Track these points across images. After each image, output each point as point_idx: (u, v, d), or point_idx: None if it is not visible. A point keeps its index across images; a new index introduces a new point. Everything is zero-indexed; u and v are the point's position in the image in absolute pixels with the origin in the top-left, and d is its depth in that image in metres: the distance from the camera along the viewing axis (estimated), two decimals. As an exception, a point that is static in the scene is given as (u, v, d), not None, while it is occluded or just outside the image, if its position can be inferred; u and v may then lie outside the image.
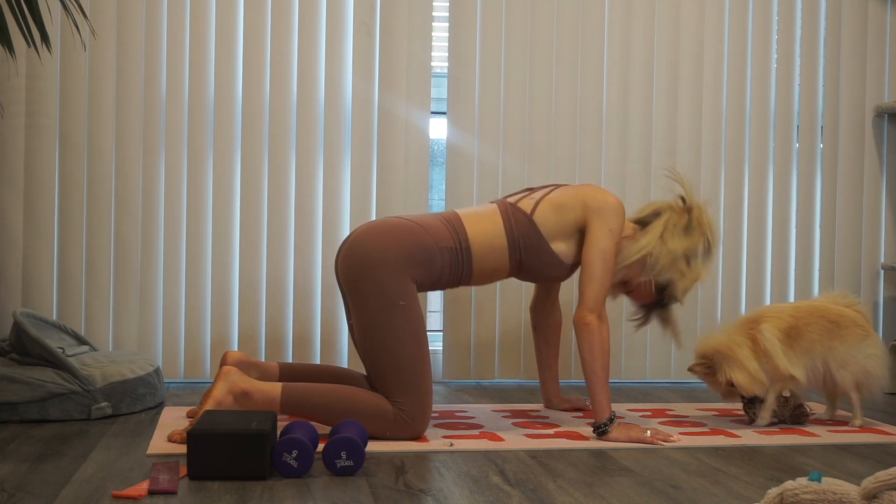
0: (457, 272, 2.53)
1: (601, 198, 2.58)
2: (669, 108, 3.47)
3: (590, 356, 2.49)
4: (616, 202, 2.58)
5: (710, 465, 2.23)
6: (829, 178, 3.60)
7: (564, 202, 2.58)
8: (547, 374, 2.92)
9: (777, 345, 2.65)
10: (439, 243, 2.48)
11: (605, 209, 2.55)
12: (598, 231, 2.54)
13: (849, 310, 2.76)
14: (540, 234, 2.55)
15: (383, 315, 2.40)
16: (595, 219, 2.55)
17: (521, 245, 2.55)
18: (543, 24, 3.38)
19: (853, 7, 3.57)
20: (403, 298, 2.41)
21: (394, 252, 2.43)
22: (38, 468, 2.06)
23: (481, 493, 1.94)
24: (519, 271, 2.61)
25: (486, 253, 2.54)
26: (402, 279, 2.42)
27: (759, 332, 2.66)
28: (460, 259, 2.52)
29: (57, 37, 3.10)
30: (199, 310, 3.23)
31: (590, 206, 2.56)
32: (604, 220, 2.54)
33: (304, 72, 3.26)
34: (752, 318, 2.74)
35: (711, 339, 2.72)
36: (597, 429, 2.47)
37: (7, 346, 2.80)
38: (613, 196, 2.60)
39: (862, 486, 1.53)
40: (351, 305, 2.49)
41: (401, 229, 2.48)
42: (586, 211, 2.56)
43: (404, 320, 2.41)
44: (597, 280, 2.52)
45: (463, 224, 2.54)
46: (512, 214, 2.57)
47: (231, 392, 2.32)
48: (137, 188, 3.19)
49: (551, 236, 2.56)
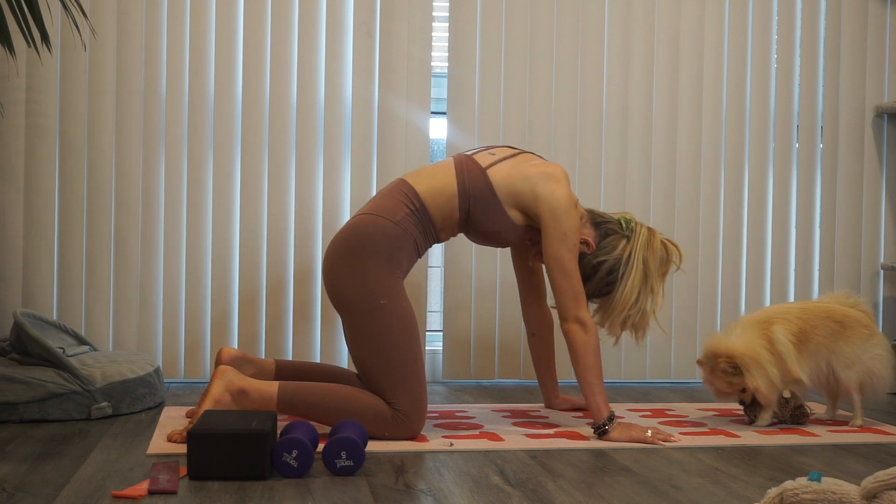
0: (426, 233, 2.53)
1: (550, 192, 2.51)
2: (669, 108, 3.47)
3: (576, 363, 2.51)
4: (564, 197, 2.51)
5: (710, 465, 2.23)
6: (829, 178, 3.60)
7: (517, 182, 2.53)
8: (545, 375, 2.92)
9: (791, 349, 2.63)
10: (396, 218, 2.47)
11: (557, 210, 2.50)
12: (552, 235, 2.50)
13: (853, 310, 2.75)
14: (492, 189, 2.52)
15: (368, 317, 2.41)
16: (547, 219, 2.51)
17: (470, 194, 2.53)
18: (543, 23, 3.38)
19: (853, 7, 3.57)
20: (385, 297, 2.42)
21: (363, 254, 2.44)
22: (38, 468, 2.06)
23: (481, 493, 1.94)
24: (467, 225, 2.58)
25: (441, 205, 2.53)
26: (380, 277, 2.43)
27: (773, 335, 2.64)
28: (421, 218, 2.51)
29: (57, 37, 3.10)
30: (199, 310, 3.23)
31: (541, 199, 2.52)
32: (557, 222, 2.50)
33: (304, 72, 3.26)
34: (761, 318, 2.70)
35: (731, 342, 2.64)
36: (597, 429, 2.47)
37: (7, 346, 2.80)
38: (562, 187, 2.53)
39: (862, 486, 1.53)
40: (340, 315, 2.52)
41: (362, 227, 2.48)
42: (537, 203, 2.52)
43: (390, 319, 2.41)
44: (563, 291, 2.51)
45: (411, 185, 2.54)
46: (465, 165, 2.56)
47: (228, 390, 2.32)
48: (137, 188, 3.19)
49: (505, 201, 2.53)
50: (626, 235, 2.62)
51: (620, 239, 2.62)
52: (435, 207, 2.53)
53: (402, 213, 2.49)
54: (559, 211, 2.51)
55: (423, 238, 2.53)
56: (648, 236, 2.64)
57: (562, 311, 2.53)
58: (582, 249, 2.59)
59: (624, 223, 2.64)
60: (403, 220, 2.49)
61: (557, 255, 2.51)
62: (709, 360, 2.68)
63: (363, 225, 2.49)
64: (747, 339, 2.65)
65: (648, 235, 2.64)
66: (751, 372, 2.60)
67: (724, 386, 2.67)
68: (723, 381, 2.66)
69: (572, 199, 2.55)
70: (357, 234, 2.48)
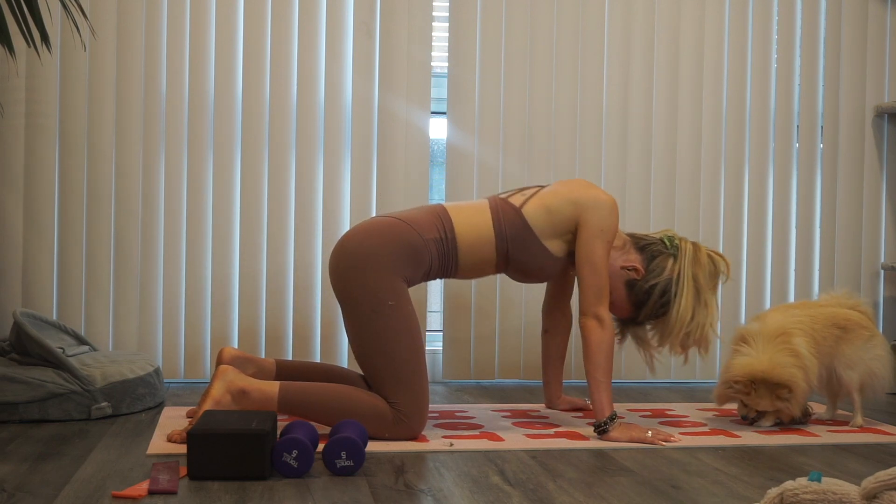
0: (444, 263, 2.53)
1: (592, 195, 2.56)
2: (669, 108, 3.47)
3: (588, 358, 2.51)
4: (608, 200, 2.56)
5: (710, 465, 2.23)
6: (829, 178, 3.60)
7: (555, 200, 2.56)
8: (551, 375, 2.92)
9: (815, 362, 2.64)
10: (424, 235, 2.48)
11: (597, 207, 2.54)
12: (588, 232, 2.53)
13: (854, 312, 2.76)
14: (529, 227, 2.54)
15: (374, 317, 2.41)
16: (586, 217, 2.53)
17: (508, 236, 2.54)
18: (543, 24, 3.38)
19: (853, 7, 3.57)
20: (393, 298, 2.41)
21: (380, 253, 2.43)
22: (38, 468, 2.06)
23: (481, 493, 1.94)
24: (507, 265, 2.59)
25: (472, 244, 2.53)
26: (391, 279, 2.42)
27: (797, 348, 2.62)
28: (446, 249, 2.51)
29: (57, 37, 3.10)
30: (198, 309, 3.23)
31: (581, 203, 2.54)
32: (595, 219, 2.53)
33: (304, 72, 3.26)
34: (778, 329, 2.66)
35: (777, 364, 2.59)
36: (597, 427, 2.47)
37: (7, 346, 2.80)
38: (606, 194, 2.58)
39: (862, 486, 1.53)
40: (342, 309, 2.50)
41: (387, 228, 2.48)
42: (577, 208, 2.54)
43: (396, 320, 2.41)
44: (588, 284, 2.52)
45: (450, 216, 2.54)
46: (500, 206, 2.57)
47: (229, 391, 2.32)
48: (137, 188, 3.19)
49: (543, 233, 2.55)
50: (673, 254, 2.64)
51: (668, 259, 2.63)
52: (465, 246, 2.53)
53: (431, 235, 2.49)
54: (599, 208, 2.53)
55: (438, 266, 2.53)
56: (694, 252, 2.65)
57: (583, 305, 2.53)
58: (631, 276, 2.62)
59: (668, 242, 2.66)
60: (430, 242, 2.49)
61: (591, 249, 2.52)
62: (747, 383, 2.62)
63: (390, 226, 2.49)
64: (783, 360, 2.60)
65: (694, 251, 2.66)
66: (796, 396, 2.60)
67: (768, 406, 2.63)
68: (767, 401, 2.62)
69: (615, 205, 2.56)
70: (380, 233, 2.47)
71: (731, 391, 2.65)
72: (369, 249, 2.44)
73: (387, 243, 2.45)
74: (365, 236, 2.48)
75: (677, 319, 2.61)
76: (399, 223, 2.49)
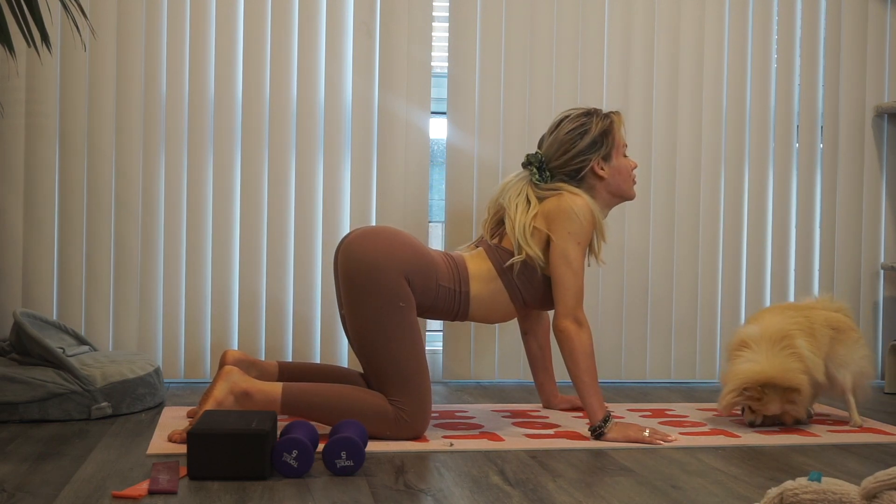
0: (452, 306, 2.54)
1: (570, 200, 2.55)
2: (669, 108, 3.47)
3: (571, 363, 2.51)
4: (583, 204, 2.55)
5: (710, 465, 2.23)
6: (829, 178, 3.60)
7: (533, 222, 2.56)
8: (543, 376, 2.93)
9: (819, 362, 2.65)
10: (439, 271, 2.50)
11: (560, 214, 2.54)
12: (556, 237, 2.53)
13: (841, 315, 2.81)
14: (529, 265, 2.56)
15: (382, 315, 2.40)
16: (553, 226, 2.54)
17: (516, 281, 2.56)
18: (543, 23, 3.38)
19: (853, 7, 3.57)
20: (403, 301, 2.42)
21: (398, 255, 2.44)
22: (38, 468, 2.06)
23: (481, 493, 1.94)
24: (524, 301, 2.60)
25: (485, 300, 2.56)
26: (403, 284, 2.43)
27: (802, 352, 2.62)
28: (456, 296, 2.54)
29: (57, 37, 3.10)
30: (198, 310, 3.23)
31: (548, 215, 2.56)
32: (560, 224, 2.53)
33: (304, 72, 3.26)
34: (779, 333, 2.66)
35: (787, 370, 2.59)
36: (593, 431, 2.47)
37: (7, 346, 2.80)
38: (585, 201, 2.56)
39: (862, 486, 1.53)
40: (346, 299, 2.47)
41: (408, 237, 2.52)
42: (546, 220, 2.56)
43: (402, 321, 2.41)
44: (563, 286, 2.52)
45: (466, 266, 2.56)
46: (491, 249, 2.59)
47: (232, 392, 2.32)
48: (137, 188, 3.19)
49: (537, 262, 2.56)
50: None
51: None
52: (477, 301, 2.55)
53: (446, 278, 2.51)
54: (573, 212, 2.53)
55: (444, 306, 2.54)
56: None
57: (561, 307, 2.52)
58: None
59: None
60: (441, 288, 2.51)
61: (566, 250, 2.52)
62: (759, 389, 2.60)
63: (418, 243, 2.52)
64: (792, 364, 2.61)
65: None
66: (804, 399, 2.61)
67: (777, 410, 2.62)
68: (777, 405, 2.61)
69: (582, 207, 2.55)
70: (408, 239, 2.50)
71: (742, 398, 2.63)
72: (390, 250, 2.44)
73: (407, 250, 2.47)
74: (388, 237, 2.49)
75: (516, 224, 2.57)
76: (424, 247, 2.54)
